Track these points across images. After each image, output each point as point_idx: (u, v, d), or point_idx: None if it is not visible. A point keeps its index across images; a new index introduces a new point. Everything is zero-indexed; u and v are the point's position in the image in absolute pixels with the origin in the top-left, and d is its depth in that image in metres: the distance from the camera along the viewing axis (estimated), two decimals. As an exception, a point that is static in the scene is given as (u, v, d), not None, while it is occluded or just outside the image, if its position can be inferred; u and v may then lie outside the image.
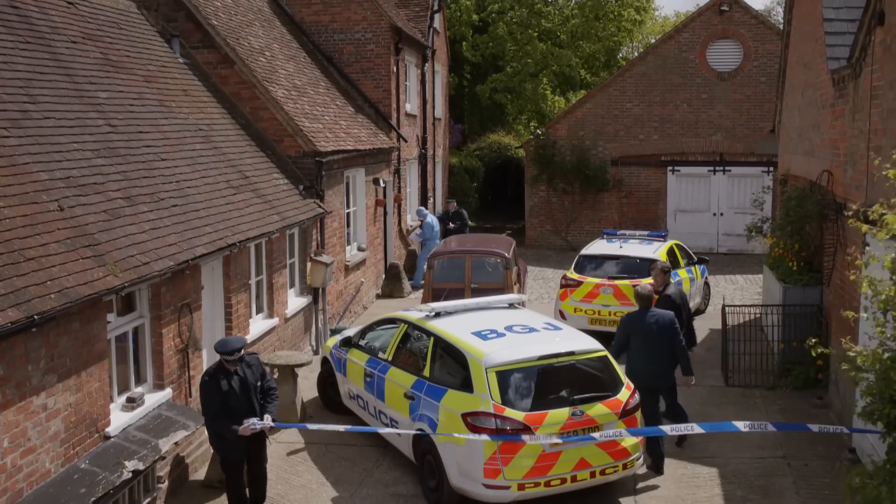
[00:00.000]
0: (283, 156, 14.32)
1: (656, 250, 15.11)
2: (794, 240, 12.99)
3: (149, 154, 10.41)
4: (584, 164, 24.67)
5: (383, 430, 9.75)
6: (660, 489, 9.18)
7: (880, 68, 8.78)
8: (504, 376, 8.42)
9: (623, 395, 8.75)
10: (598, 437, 8.18)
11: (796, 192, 13.36)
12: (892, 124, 8.39)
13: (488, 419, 8.18)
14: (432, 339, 9.48)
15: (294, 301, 13.72)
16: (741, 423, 7.80)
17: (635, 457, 8.71)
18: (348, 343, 11.08)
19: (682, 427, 8.23)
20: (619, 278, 14.52)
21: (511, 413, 8.18)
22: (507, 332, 9.19)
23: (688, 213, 24.67)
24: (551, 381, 8.59)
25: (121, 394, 8.47)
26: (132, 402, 8.40)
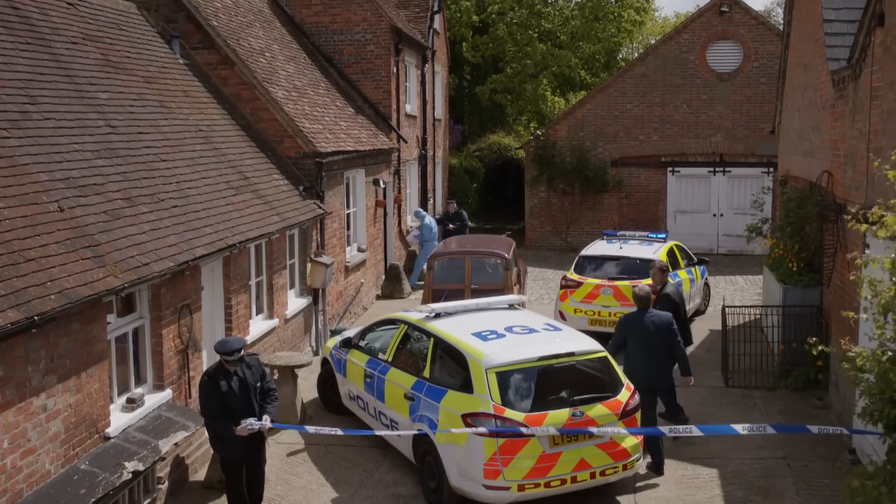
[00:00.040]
0: (284, 157, 14.33)
1: (656, 251, 15.10)
2: (794, 241, 12.99)
3: (149, 155, 10.41)
4: (584, 164, 24.67)
5: (382, 433, 9.74)
6: (660, 490, 9.18)
7: (880, 69, 8.79)
8: (504, 377, 8.41)
9: (623, 396, 8.75)
10: (595, 432, 8.16)
11: (796, 192, 13.36)
12: (891, 125, 8.39)
13: (488, 420, 8.18)
14: (432, 339, 9.48)
15: (294, 302, 13.72)
16: (740, 426, 7.80)
17: (635, 457, 8.72)
18: (348, 344, 11.08)
19: (681, 429, 8.24)
20: (619, 279, 14.51)
21: (511, 414, 8.18)
22: (507, 333, 9.19)
23: (688, 213, 24.67)
24: (551, 382, 8.59)
25: (121, 395, 8.47)
26: (132, 403, 8.40)
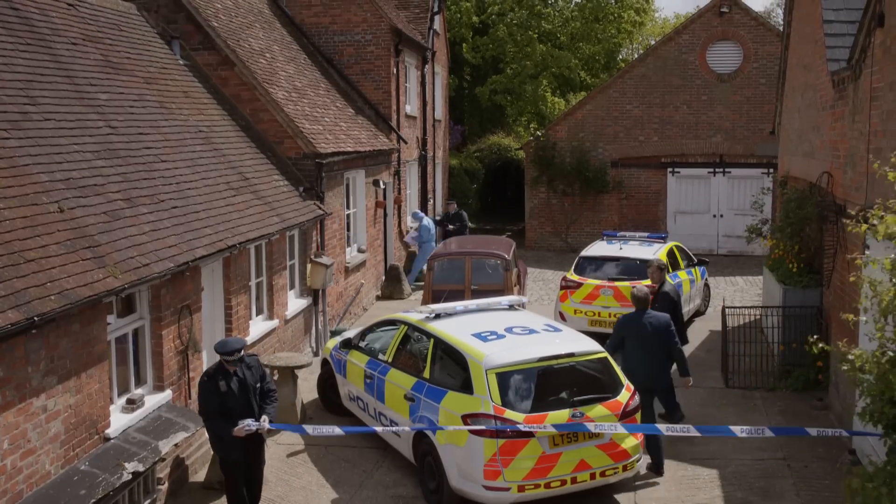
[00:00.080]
0: (283, 157, 14.33)
1: (656, 252, 15.10)
2: (793, 241, 12.99)
3: (149, 156, 10.41)
4: (584, 165, 24.67)
5: (380, 429, 9.73)
6: (660, 491, 9.18)
7: (880, 70, 8.79)
8: (504, 378, 8.41)
9: (623, 397, 8.75)
10: (591, 428, 8.17)
11: (796, 193, 13.36)
12: (891, 126, 8.39)
13: (488, 421, 8.18)
14: (432, 340, 9.48)
15: (294, 303, 13.72)
16: (738, 428, 7.81)
17: (635, 458, 8.72)
18: (348, 345, 11.08)
19: (679, 428, 8.24)
20: (619, 280, 14.52)
21: (511, 414, 8.18)
22: (507, 334, 9.19)
23: (688, 214, 24.67)
24: (551, 383, 8.59)
25: (121, 395, 8.47)
26: (132, 404, 8.40)
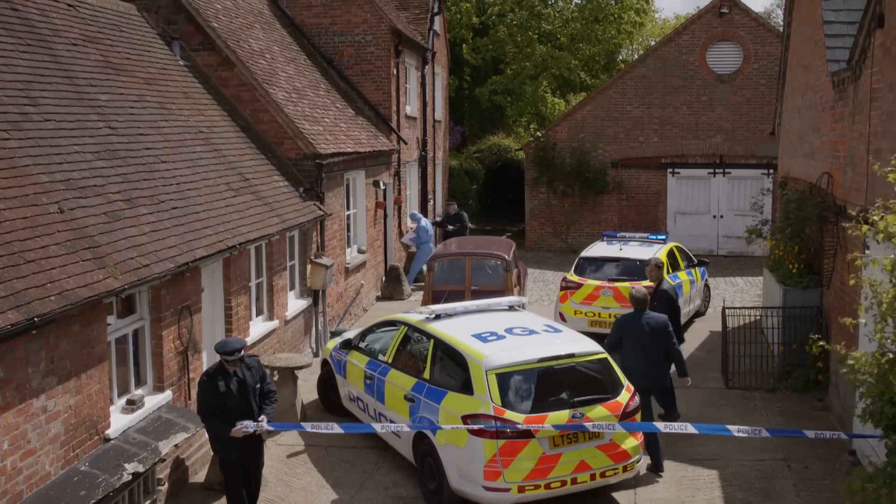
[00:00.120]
0: (284, 158, 14.33)
1: (656, 252, 15.09)
2: (793, 242, 12.99)
3: (149, 156, 10.41)
4: (584, 166, 24.68)
5: (378, 426, 9.69)
6: (660, 491, 9.17)
7: (880, 71, 8.79)
8: (504, 378, 8.41)
9: (623, 398, 8.74)
10: (589, 427, 8.18)
11: (796, 194, 13.36)
12: (891, 127, 8.38)
13: (488, 421, 8.18)
14: (432, 341, 9.48)
15: (294, 303, 13.72)
16: (735, 428, 7.81)
17: (635, 459, 8.72)
18: (348, 345, 11.08)
19: (677, 426, 8.25)
20: (619, 280, 14.52)
21: (511, 415, 8.18)
22: (507, 335, 9.19)
23: (688, 215, 24.67)
24: (551, 384, 8.58)
25: (121, 396, 8.47)
26: (132, 405, 8.39)
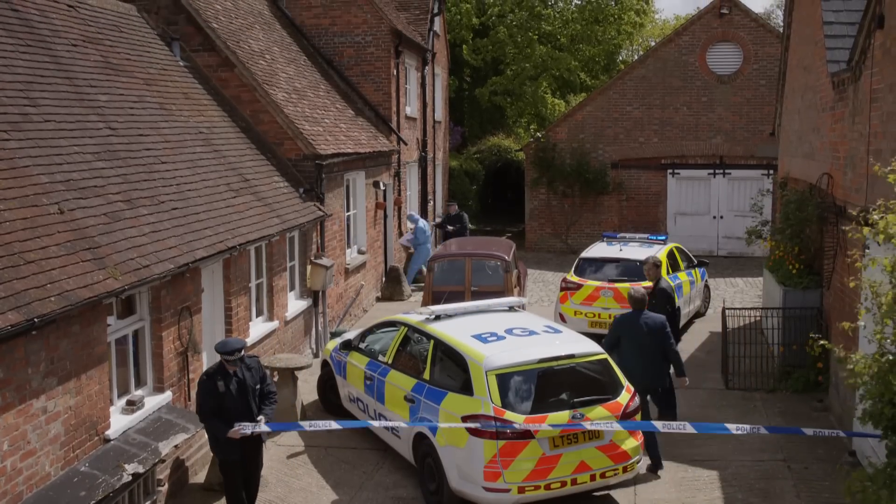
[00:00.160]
0: (284, 159, 14.33)
1: (656, 253, 15.09)
2: (793, 243, 12.99)
3: (149, 157, 10.41)
4: (584, 167, 24.68)
5: (376, 424, 9.70)
6: (660, 492, 9.17)
7: (880, 71, 8.79)
8: (504, 379, 8.41)
9: (623, 398, 8.74)
10: (587, 426, 8.17)
11: (796, 195, 13.36)
12: (891, 127, 8.39)
13: (488, 422, 8.18)
14: (432, 342, 9.48)
15: (294, 304, 13.71)
16: (733, 426, 7.80)
17: (635, 460, 8.71)
18: (348, 346, 11.08)
19: (675, 425, 8.25)
20: (619, 281, 14.52)
21: (511, 416, 8.17)
22: (507, 336, 9.19)
23: (688, 216, 24.67)
24: (551, 384, 8.58)
25: (121, 397, 8.46)
26: (132, 405, 8.39)
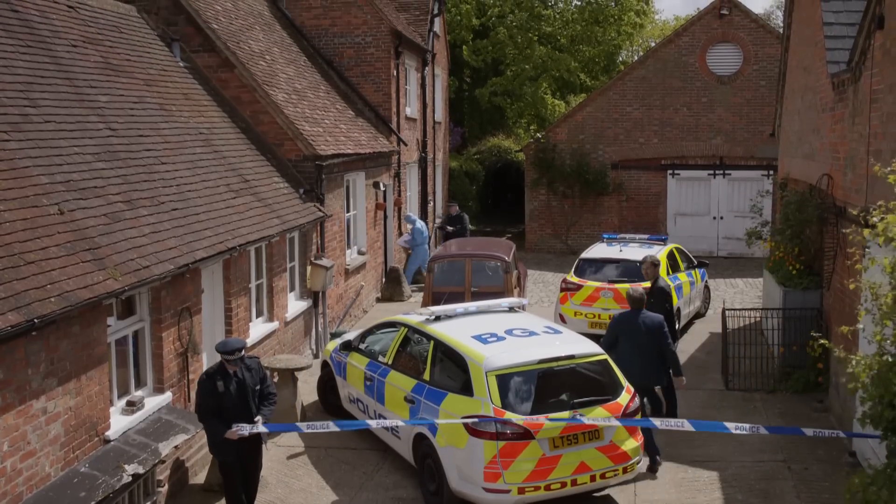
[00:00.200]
0: (284, 159, 14.33)
1: (656, 254, 15.09)
2: (793, 244, 12.99)
3: (149, 158, 10.42)
4: (584, 167, 24.68)
5: (374, 423, 9.68)
6: (660, 493, 9.16)
7: (880, 72, 8.79)
8: (504, 380, 8.41)
9: (623, 399, 8.73)
10: (586, 422, 8.16)
11: (796, 196, 13.36)
12: (891, 128, 8.39)
13: (488, 423, 8.18)
14: (432, 342, 9.48)
15: (294, 305, 13.71)
16: (732, 425, 7.80)
17: (635, 460, 8.70)
18: (348, 347, 11.08)
19: (673, 422, 8.25)
20: (619, 282, 14.51)
21: (511, 416, 8.18)
22: (507, 336, 9.18)
23: (688, 216, 24.67)
24: (551, 385, 8.58)
25: (121, 397, 8.46)
26: (132, 406, 8.39)
